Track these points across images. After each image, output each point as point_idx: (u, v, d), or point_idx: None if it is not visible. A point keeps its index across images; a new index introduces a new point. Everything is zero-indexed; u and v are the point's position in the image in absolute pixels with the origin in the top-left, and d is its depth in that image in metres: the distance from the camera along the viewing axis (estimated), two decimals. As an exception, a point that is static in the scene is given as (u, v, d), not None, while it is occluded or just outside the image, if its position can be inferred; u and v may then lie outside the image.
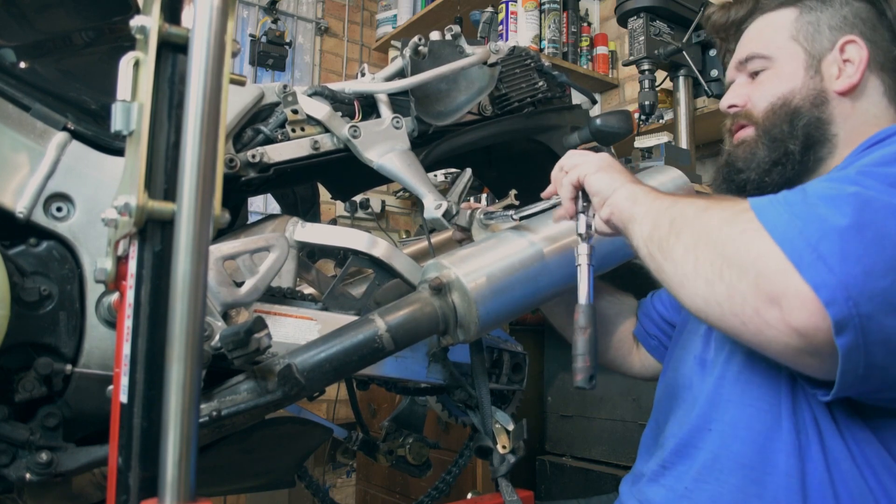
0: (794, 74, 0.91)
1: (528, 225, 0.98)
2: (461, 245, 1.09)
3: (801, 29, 0.92)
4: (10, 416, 0.76)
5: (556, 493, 1.96)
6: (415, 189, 0.99)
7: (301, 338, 0.88)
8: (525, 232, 0.96)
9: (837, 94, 0.89)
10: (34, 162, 0.78)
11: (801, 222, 0.62)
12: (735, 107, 0.96)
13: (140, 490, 0.55)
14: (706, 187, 1.95)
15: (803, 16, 0.92)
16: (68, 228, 0.78)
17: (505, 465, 0.98)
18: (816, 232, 0.61)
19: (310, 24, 3.22)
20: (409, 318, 0.84)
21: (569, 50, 2.76)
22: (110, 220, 0.59)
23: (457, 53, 1.06)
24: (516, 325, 2.02)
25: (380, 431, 1.31)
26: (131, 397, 0.56)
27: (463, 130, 1.08)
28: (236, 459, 1.00)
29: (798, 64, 0.91)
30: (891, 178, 0.65)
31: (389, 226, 3.27)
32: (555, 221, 0.94)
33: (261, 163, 0.91)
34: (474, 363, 1.01)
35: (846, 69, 0.89)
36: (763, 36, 0.95)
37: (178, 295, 0.52)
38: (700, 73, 2.09)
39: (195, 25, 0.54)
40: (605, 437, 1.91)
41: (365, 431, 1.28)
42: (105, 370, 0.78)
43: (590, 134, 1.15)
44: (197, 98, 0.53)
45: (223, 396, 0.79)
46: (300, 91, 0.97)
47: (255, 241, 0.86)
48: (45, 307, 0.77)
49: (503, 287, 0.88)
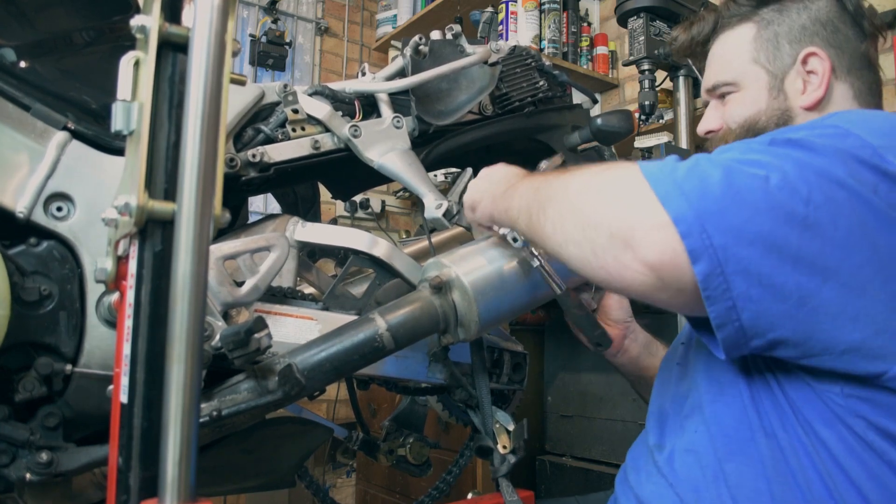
0: (758, 98, 0.91)
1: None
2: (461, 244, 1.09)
3: (760, 48, 0.91)
4: (10, 416, 0.76)
5: (557, 493, 1.96)
6: (415, 189, 0.99)
7: (301, 337, 0.88)
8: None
9: (804, 110, 0.88)
10: (34, 162, 0.78)
11: (676, 174, 0.65)
12: (712, 132, 0.97)
13: (140, 490, 0.55)
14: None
15: (761, 32, 0.92)
16: (68, 228, 0.78)
17: (505, 465, 0.98)
18: (686, 178, 0.64)
19: (310, 24, 3.22)
20: (410, 316, 0.84)
21: (569, 50, 2.76)
22: (110, 219, 0.59)
23: (457, 53, 1.06)
24: (516, 324, 2.02)
25: (380, 431, 1.30)
26: (131, 397, 0.56)
27: (463, 130, 1.08)
28: (236, 459, 1.00)
29: (761, 86, 0.91)
30: (760, 145, 0.69)
31: (389, 226, 3.27)
32: None
33: (261, 162, 0.91)
34: (475, 363, 1.01)
35: (811, 82, 0.88)
36: (725, 60, 0.95)
37: (179, 295, 0.52)
38: (700, 73, 2.09)
39: (195, 25, 0.54)
40: (605, 437, 1.91)
41: (365, 431, 1.28)
42: (105, 370, 0.78)
43: (591, 133, 1.15)
44: (197, 98, 0.53)
45: (223, 396, 0.78)
46: (301, 90, 0.97)
47: (256, 241, 0.86)
48: (46, 307, 0.77)
49: (503, 286, 0.88)
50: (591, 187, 0.70)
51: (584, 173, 0.73)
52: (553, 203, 0.74)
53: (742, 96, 0.93)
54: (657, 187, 0.64)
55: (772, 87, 0.90)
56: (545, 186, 0.78)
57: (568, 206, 0.72)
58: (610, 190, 0.68)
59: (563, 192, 0.73)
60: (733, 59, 0.94)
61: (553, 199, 0.75)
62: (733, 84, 0.94)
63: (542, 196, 0.77)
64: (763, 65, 0.91)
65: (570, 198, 0.72)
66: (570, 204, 0.72)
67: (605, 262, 0.66)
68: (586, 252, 0.68)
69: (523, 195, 0.82)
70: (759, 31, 0.92)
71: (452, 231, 1.24)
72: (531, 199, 0.79)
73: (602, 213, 0.67)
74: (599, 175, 0.71)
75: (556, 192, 0.75)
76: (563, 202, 0.73)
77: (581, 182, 0.72)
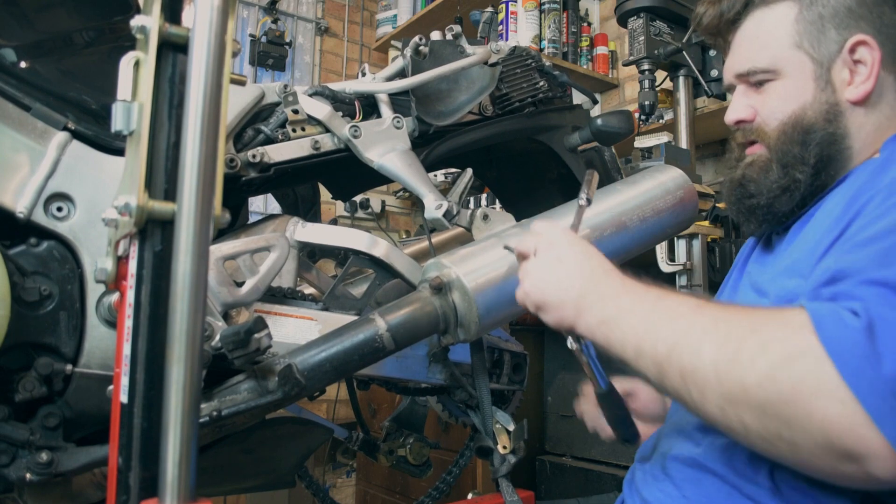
0: (803, 89, 0.83)
1: (528, 224, 0.98)
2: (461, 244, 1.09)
3: (803, 32, 0.83)
4: (10, 416, 0.76)
5: (556, 493, 1.96)
6: (415, 189, 0.99)
7: (301, 338, 0.88)
8: (525, 231, 0.96)
9: (851, 104, 0.81)
10: (34, 162, 0.78)
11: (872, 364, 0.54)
12: (743, 122, 0.89)
13: (140, 490, 0.55)
14: (706, 187, 1.95)
15: (804, 13, 0.83)
16: (69, 228, 0.78)
17: (505, 466, 0.98)
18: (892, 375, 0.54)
19: (310, 24, 3.22)
20: (410, 317, 0.84)
21: (569, 50, 2.76)
22: (110, 220, 0.59)
23: (457, 53, 1.06)
24: (516, 325, 2.01)
25: (380, 431, 1.31)
26: (131, 397, 0.56)
27: (463, 130, 1.08)
28: (236, 459, 1.00)
29: (806, 76, 0.83)
30: None
31: (389, 226, 3.27)
32: None
33: (261, 163, 0.91)
34: (475, 363, 1.01)
35: (858, 73, 0.81)
36: (761, 43, 0.86)
37: (179, 295, 0.52)
38: (700, 73, 2.09)
39: (195, 25, 0.54)
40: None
41: (365, 431, 1.28)
42: (105, 370, 0.78)
43: (590, 134, 1.15)
44: (197, 98, 0.53)
45: (223, 396, 0.78)
46: (301, 91, 0.97)
47: (256, 241, 0.86)
48: (46, 307, 0.77)
49: (504, 286, 0.88)
50: (759, 368, 0.58)
51: (734, 335, 0.61)
52: (705, 374, 0.61)
53: (783, 86, 0.84)
54: (861, 392, 0.54)
55: (818, 76, 0.82)
56: (677, 335, 0.64)
57: (737, 388, 0.59)
58: (795, 379, 0.56)
59: (715, 359, 0.61)
60: (772, 42, 0.85)
61: (703, 368, 0.61)
62: (773, 71, 0.84)
63: (681, 354, 0.63)
64: (807, 51, 0.82)
65: (737, 378, 0.59)
66: (739, 386, 0.59)
67: (812, 462, 0.58)
68: (781, 449, 0.59)
69: (638, 332, 0.68)
70: (802, 12, 0.83)
71: (452, 231, 1.24)
72: (656, 346, 0.66)
73: (800, 415, 0.56)
74: (764, 347, 0.58)
75: (704, 357, 0.62)
76: (727, 380, 0.60)
77: (740, 353, 0.59)
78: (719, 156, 2.49)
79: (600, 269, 0.76)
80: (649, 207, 1.05)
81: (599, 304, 0.73)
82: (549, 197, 1.25)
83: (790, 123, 0.83)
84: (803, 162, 0.82)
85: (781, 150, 0.84)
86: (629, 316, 0.70)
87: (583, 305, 0.74)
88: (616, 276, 0.75)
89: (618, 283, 0.74)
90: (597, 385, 0.83)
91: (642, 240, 1.04)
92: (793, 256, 0.79)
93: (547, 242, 0.80)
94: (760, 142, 0.87)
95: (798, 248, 0.79)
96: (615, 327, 0.70)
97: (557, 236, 0.80)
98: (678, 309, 0.67)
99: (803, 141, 0.82)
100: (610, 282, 0.74)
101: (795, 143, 0.83)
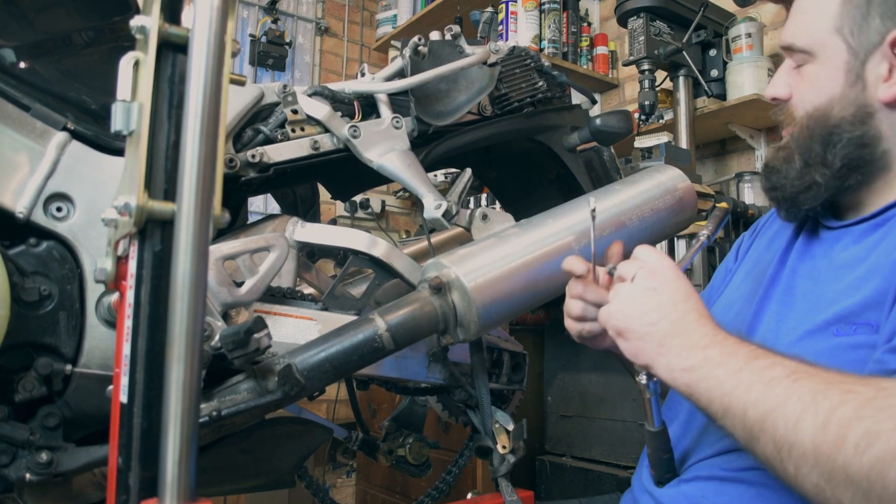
0: (832, 80, 0.79)
1: (528, 224, 0.98)
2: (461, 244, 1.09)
3: (846, 16, 0.77)
4: (10, 416, 0.76)
5: (556, 493, 1.96)
6: (415, 189, 0.99)
7: (301, 338, 0.88)
8: (525, 231, 0.96)
9: (885, 105, 0.76)
10: (34, 162, 0.78)
11: None
12: (778, 99, 0.85)
13: (140, 490, 0.55)
14: (706, 187, 1.96)
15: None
16: (68, 228, 0.78)
17: (505, 465, 0.98)
18: None
19: (310, 24, 3.22)
20: (409, 317, 0.84)
21: (569, 50, 2.76)
22: (110, 220, 0.59)
23: (457, 53, 1.06)
24: (516, 324, 2.02)
25: (380, 431, 1.31)
26: (131, 397, 0.56)
27: (463, 130, 1.08)
28: (236, 459, 1.00)
29: (838, 65, 0.78)
30: None
31: (389, 226, 3.27)
32: None
33: (261, 163, 0.91)
34: (474, 363, 1.01)
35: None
36: (805, 19, 0.82)
37: (178, 295, 0.52)
38: (700, 73, 2.09)
39: (195, 25, 0.54)
40: (605, 437, 1.91)
41: (365, 431, 1.28)
42: (105, 370, 0.78)
43: (590, 134, 1.16)
44: (197, 98, 0.53)
45: (223, 396, 0.79)
46: (300, 91, 0.97)
47: (255, 241, 0.86)
48: (45, 307, 0.77)
49: (503, 286, 0.88)
50: (868, 457, 0.54)
51: (837, 419, 0.57)
52: (803, 451, 0.58)
53: (815, 72, 0.80)
54: None
55: (850, 68, 0.77)
56: (771, 403, 0.60)
57: (840, 473, 0.55)
58: None
59: (815, 438, 0.57)
60: (813, 21, 0.80)
61: (801, 445, 0.58)
62: (808, 53, 0.81)
63: (776, 425, 0.60)
64: (845, 37, 0.77)
65: (841, 463, 0.55)
66: (843, 472, 0.55)
67: None
68: None
69: (725, 389, 0.64)
70: None
71: (452, 231, 1.24)
72: (747, 410, 0.62)
73: None
74: (872, 438, 0.54)
75: (802, 434, 0.58)
76: (829, 462, 0.56)
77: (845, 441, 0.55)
78: (719, 156, 2.49)
79: (695, 313, 0.71)
80: (648, 207, 1.05)
81: (686, 351, 0.69)
82: (548, 197, 1.25)
83: (815, 118, 0.80)
84: (824, 164, 0.79)
85: (804, 145, 0.81)
86: (717, 370, 0.66)
87: (668, 346, 0.70)
88: (709, 324, 0.70)
89: (710, 332, 0.69)
90: (651, 423, 0.82)
91: (641, 239, 1.04)
92: (868, 282, 0.72)
93: (648, 270, 0.75)
94: (790, 126, 0.84)
95: (873, 274, 0.72)
96: (700, 379, 0.66)
97: (661, 267, 0.75)
98: (772, 372, 0.62)
99: (827, 141, 0.78)
100: (701, 328, 0.69)
101: (817, 141, 0.79)
